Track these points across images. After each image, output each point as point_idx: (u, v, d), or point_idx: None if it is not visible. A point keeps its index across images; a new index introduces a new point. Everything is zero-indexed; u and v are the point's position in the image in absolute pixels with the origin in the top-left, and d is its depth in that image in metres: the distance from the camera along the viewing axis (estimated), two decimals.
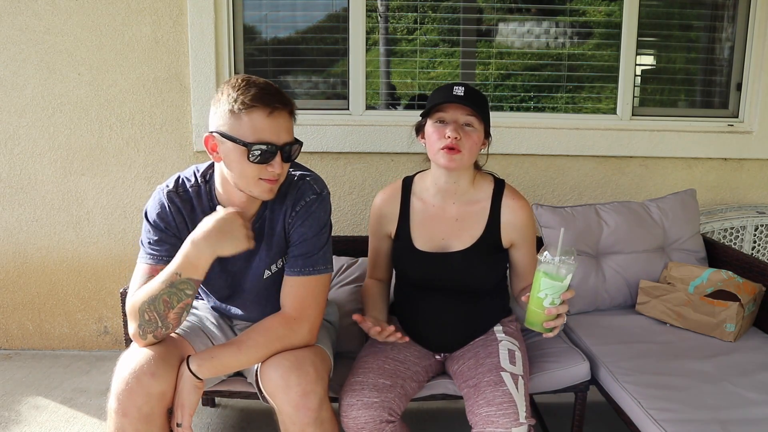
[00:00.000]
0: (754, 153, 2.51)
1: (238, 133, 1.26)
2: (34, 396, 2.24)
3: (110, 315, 2.61)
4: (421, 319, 1.63)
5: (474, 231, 1.59)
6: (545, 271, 1.29)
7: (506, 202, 1.59)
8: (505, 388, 1.39)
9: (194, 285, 1.30)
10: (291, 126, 1.32)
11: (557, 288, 1.29)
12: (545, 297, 1.30)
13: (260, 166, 1.28)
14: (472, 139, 1.50)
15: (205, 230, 1.28)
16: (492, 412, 1.35)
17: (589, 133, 2.47)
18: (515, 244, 1.61)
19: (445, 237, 1.60)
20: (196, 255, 1.27)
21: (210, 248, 1.27)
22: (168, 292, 1.28)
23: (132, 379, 1.25)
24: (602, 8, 2.53)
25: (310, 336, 1.40)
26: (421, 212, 1.63)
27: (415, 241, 1.61)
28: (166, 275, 1.28)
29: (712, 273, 1.91)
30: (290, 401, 1.28)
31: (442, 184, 1.60)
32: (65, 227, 2.53)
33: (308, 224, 1.40)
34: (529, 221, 1.60)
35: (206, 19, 2.34)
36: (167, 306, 1.28)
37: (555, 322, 1.32)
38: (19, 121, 2.42)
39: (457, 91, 1.48)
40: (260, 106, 1.25)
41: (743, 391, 1.50)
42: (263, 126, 1.26)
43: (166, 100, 2.42)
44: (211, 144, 1.31)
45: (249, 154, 1.26)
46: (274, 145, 1.27)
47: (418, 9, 2.51)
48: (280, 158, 1.29)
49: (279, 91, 1.29)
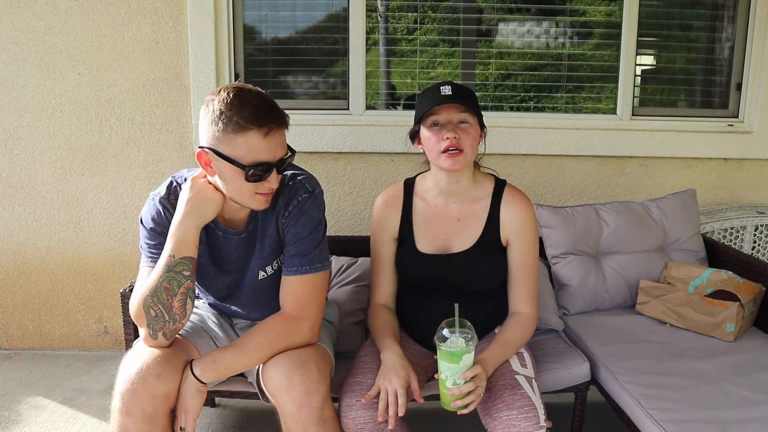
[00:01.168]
0: (754, 153, 2.51)
1: (233, 154, 1.24)
2: (34, 396, 2.24)
3: (110, 315, 2.61)
4: (422, 319, 1.62)
5: (474, 230, 1.58)
6: (442, 353, 1.27)
7: (506, 199, 1.58)
8: (523, 392, 1.39)
9: (190, 264, 1.31)
10: (285, 139, 1.31)
11: (455, 369, 1.27)
12: (446, 379, 1.29)
13: (256, 183, 1.28)
14: (470, 135, 1.49)
15: (181, 206, 1.32)
16: (513, 415, 1.34)
17: (589, 133, 2.47)
18: (511, 242, 1.58)
19: (447, 237, 1.59)
20: (184, 231, 1.30)
21: (192, 219, 1.31)
22: (167, 278, 1.29)
23: (137, 379, 1.26)
24: (602, 8, 2.53)
25: (312, 334, 1.40)
26: (424, 213, 1.62)
27: (417, 243, 1.60)
28: (162, 263, 1.30)
29: (712, 273, 1.91)
30: (293, 400, 1.28)
31: (444, 185, 1.59)
32: (65, 227, 2.53)
33: (302, 223, 1.39)
34: (527, 219, 1.57)
35: (206, 19, 2.34)
36: (169, 294, 1.29)
37: (464, 400, 1.29)
38: (19, 121, 2.42)
39: (444, 91, 1.47)
40: (255, 128, 1.22)
41: (743, 391, 1.50)
42: (259, 147, 1.24)
43: (166, 100, 2.42)
44: (205, 159, 1.29)
45: (246, 175, 1.25)
46: (270, 163, 1.27)
47: (418, 9, 2.51)
48: (276, 173, 1.30)
49: (273, 107, 1.26)
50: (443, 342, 1.28)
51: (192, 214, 1.31)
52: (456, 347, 1.26)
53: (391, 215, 1.65)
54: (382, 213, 1.66)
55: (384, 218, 1.65)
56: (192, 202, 1.32)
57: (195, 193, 1.32)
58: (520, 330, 1.54)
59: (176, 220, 1.32)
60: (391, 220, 1.64)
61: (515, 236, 1.57)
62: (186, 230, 1.31)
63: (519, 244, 1.57)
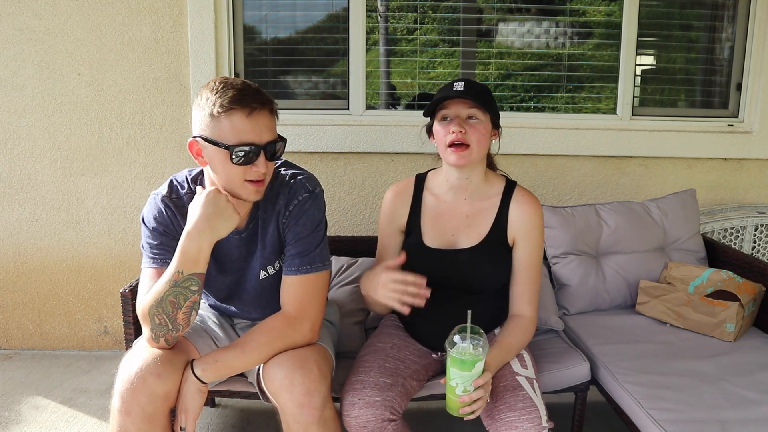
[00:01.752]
0: (754, 153, 2.51)
1: (219, 137, 1.26)
2: (34, 396, 2.24)
3: (110, 315, 2.61)
4: (421, 317, 1.61)
5: (482, 228, 1.58)
6: (453, 360, 1.27)
7: (516, 198, 1.58)
8: (524, 393, 1.39)
9: (198, 280, 1.30)
10: (273, 124, 1.31)
11: (466, 377, 1.27)
12: (456, 386, 1.28)
13: (244, 167, 1.28)
14: (478, 131, 1.49)
15: (195, 220, 1.28)
16: (515, 417, 1.34)
17: (589, 133, 2.47)
18: (517, 242, 1.58)
19: (454, 233, 1.59)
20: (196, 248, 1.27)
21: (206, 236, 1.27)
22: (173, 293, 1.28)
23: (137, 378, 1.26)
24: (602, 8, 2.53)
25: (312, 334, 1.40)
26: (433, 208, 1.62)
27: (424, 236, 1.60)
28: (169, 276, 1.28)
29: (712, 273, 1.91)
30: (294, 400, 1.28)
31: (454, 181, 1.59)
32: (65, 227, 2.52)
33: (303, 223, 1.40)
34: (536, 220, 1.57)
35: (206, 19, 2.34)
36: (174, 307, 1.29)
37: (472, 407, 1.30)
38: (19, 121, 2.42)
39: (457, 87, 1.48)
40: (238, 108, 1.24)
41: (743, 391, 1.50)
42: (243, 127, 1.25)
43: (166, 100, 2.42)
44: (196, 149, 1.31)
45: (232, 156, 1.25)
46: (256, 146, 1.27)
47: (418, 9, 2.51)
48: (264, 158, 1.28)
49: (258, 91, 1.28)
50: (453, 348, 1.27)
51: (208, 231, 1.27)
52: (468, 355, 1.26)
53: (400, 207, 1.65)
54: (391, 204, 1.66)
55: (393, 210, 1.65)
56: (209, 219, 1.27)
57: (214, 210, 1.28)
58: (521, 333, 1.53)
59: (188, 233, 1.28)
60: (400, 212, 1.65)
61: (522, 236, 1.57)
62: (199, 248, 1.27)
63: (525, 245, 1.57)
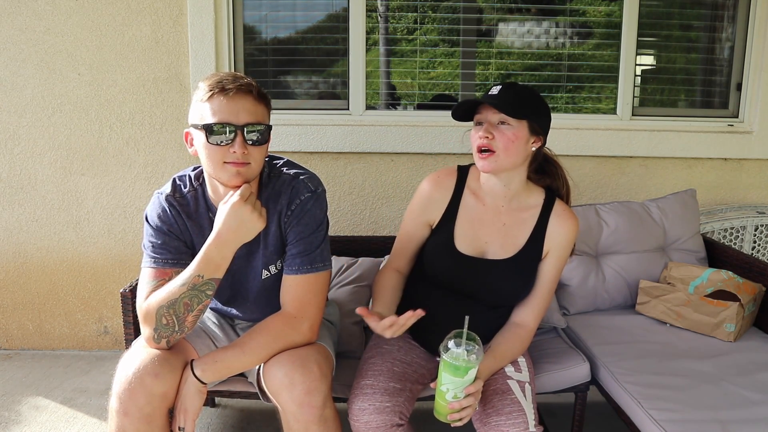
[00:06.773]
0: (754, 153, 2.51)
1: (201, 120, 1.29)
2: (34, 396, 2.24)
3: (110, 315, 2.61)
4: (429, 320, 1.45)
5: (518, 239, 1.51)
6: (446, 364, 1.25)
7: (557, 211, 1.52)
8: (513, 396, 1.38)
9: (215, 285, 1.32)
10: (257, 109, 1.31)
11: (458, 383, 1.25)
12: (447, 391, 1.27)
13: (222, 148, 1.28)
14: (506, 136, 1.40)
15: (220, 230, 1.30)
16: (501, 421, 1.34)
17: (589, 133, 2.47)
18: (547, 256, 1.52)
19: (488, 241, 1.52)
20: (220, 254, 1.30)
21: (231, 246, 1.31)
22: (189, 295, 1.29)
23: (135, 379, 1.26)
24: (602, 8, 2.53)
25: (312, 333, 1.40)
26: (472, 209, 1.54)
27: (457, 239, 1.52)
28: (186, 278, 1.29)
29: (712, 273, 1.91)
30: (294, 399, 1.28)
31: (492, 185, 1.53)
32: (65, 227, 2.53)
33: (304, 222, 1.40)
34: (571, 237, 1.51)
35: (206, 19, 2.34)
36: (187, 309, 1.30)
37: (461, 413, 1.28)
38: (19, 121, 2.42)
39: (492, 91, 1.43)
40: (220, 91, 1.27)
41: (743, 391, 1.50)
42: (221, 107, 1.27)
43: (166, 100, 2.42)
44: (190, 139, 1.36)
45: (207, 136, 1.28)
46: (232, 125, 1.27)
47: (418, 9, 2.51)
48: (242, 139, 1.28)
49: (241, 78, 1.31)
50: (447, 353, 1.25)
51: (234, 242, 1.31)
52: (462, 361, 1.24)
53: (438, 201, 1.55)
54: (428, 195, 1.56)
55: (428, 202, 1.56)
56: (234, 231, 1.30)
57: (237, 223, 1.30)
58: (518, 344, 1.51)
59: (213, 241, 1.30)
60: (436, 206, 1.55)
61: (554, 251, 1.52)
62: (224, 253, 1.30)
63: (554, 260, 1.52)
